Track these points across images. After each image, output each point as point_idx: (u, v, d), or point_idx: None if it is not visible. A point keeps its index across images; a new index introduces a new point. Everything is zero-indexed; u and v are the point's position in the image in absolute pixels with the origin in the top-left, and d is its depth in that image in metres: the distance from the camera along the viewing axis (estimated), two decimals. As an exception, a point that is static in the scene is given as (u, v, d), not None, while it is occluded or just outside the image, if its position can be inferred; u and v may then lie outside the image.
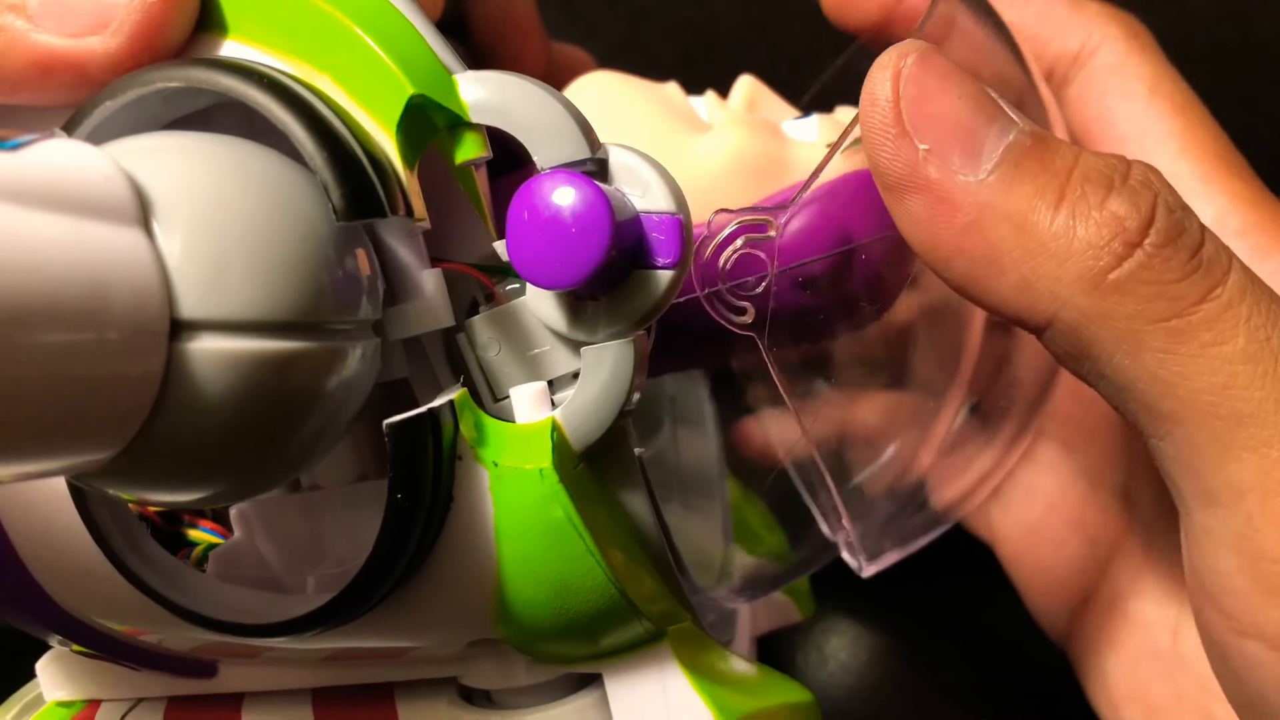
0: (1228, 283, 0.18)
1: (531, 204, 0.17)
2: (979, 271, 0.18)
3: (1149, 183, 0.19)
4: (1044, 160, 0.19)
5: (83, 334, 0.13)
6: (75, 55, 0.18)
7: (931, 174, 0.18)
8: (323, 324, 0.16)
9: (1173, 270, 0.18)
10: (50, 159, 0.14)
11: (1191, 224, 0.18)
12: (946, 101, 0.19)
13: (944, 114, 0.19)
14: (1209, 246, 0.18)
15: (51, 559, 0.20)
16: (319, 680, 0.23)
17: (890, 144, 0.19)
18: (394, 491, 0.17)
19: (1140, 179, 0.19)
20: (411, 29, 0.18)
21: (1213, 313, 0.18)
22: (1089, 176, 0.18)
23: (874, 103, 0.19)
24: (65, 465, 0.15)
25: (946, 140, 0.18)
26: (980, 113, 0.19)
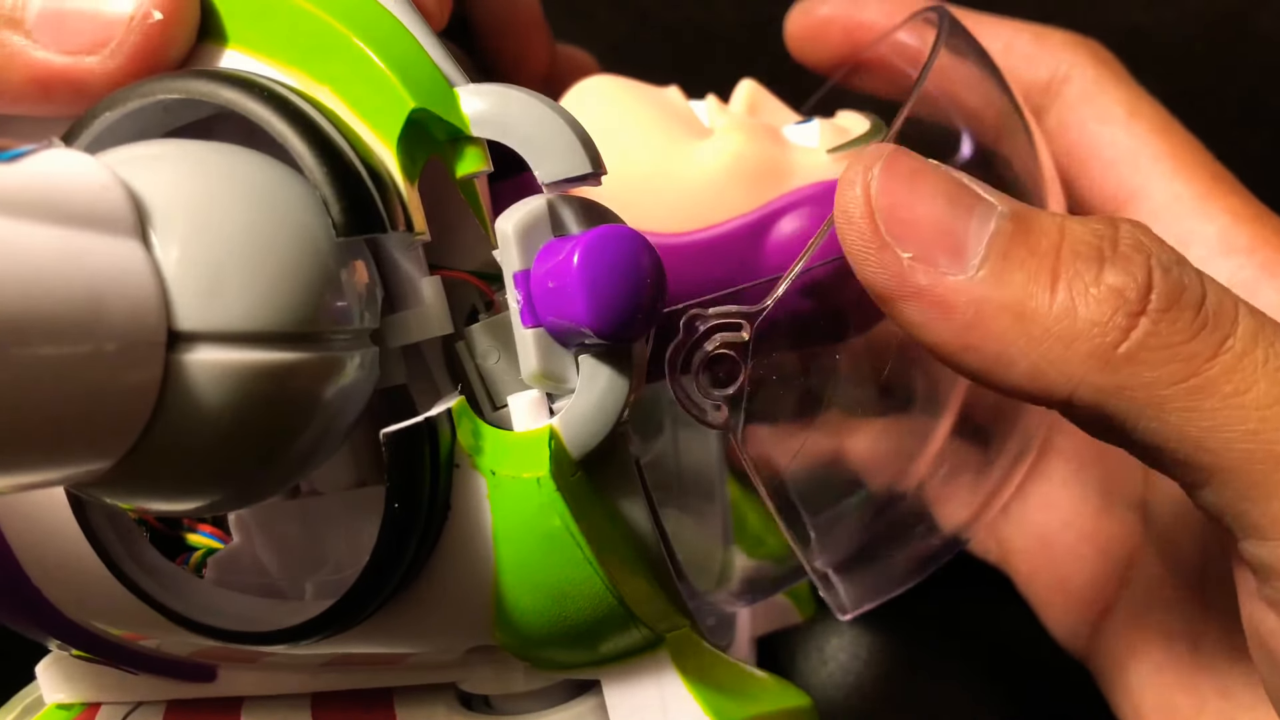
0: (1237, 331, 0.18)
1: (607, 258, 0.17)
2: (990, 364, 0.18)
3: (1140, 244, 0.19)
4: (1030, 243, 0.18)
5: (79, 346, 0.13)
6: (73, 74, 0.18)
7: (921, 281, 0.18)
8: (320, 334, 0.16)
9: (1180, 332, 0.18)
10: (47, 170, 0.14)
11: (1190, 279, 0.18)
12: (920, 205, 0.18)
13: (920, 218, 0.18)
14: (1212, 297, 0.18)
15: (50, 564, 0.20)
16: (318, 685, 0.23)
17: (874, 258, 0.18)
18: (391, 501, 0.17)
19: (1130, 242, 0.19)
20: (413, 40, 0.18)
21: (1229, 364, 0.18)
22: (1079, 251, 0.18)
23: (849, 220, 0.18)
24: (63, 475, 0.15)
25: (928, 244, 0.18)
26: (957, 207, 0.18)
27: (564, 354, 0.18)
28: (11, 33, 0.18)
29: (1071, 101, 0.27)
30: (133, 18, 0.17)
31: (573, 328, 0.17)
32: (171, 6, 0.18)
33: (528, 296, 0.18)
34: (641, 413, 0.20)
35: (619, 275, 0.17)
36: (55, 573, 0.20)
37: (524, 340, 0.18)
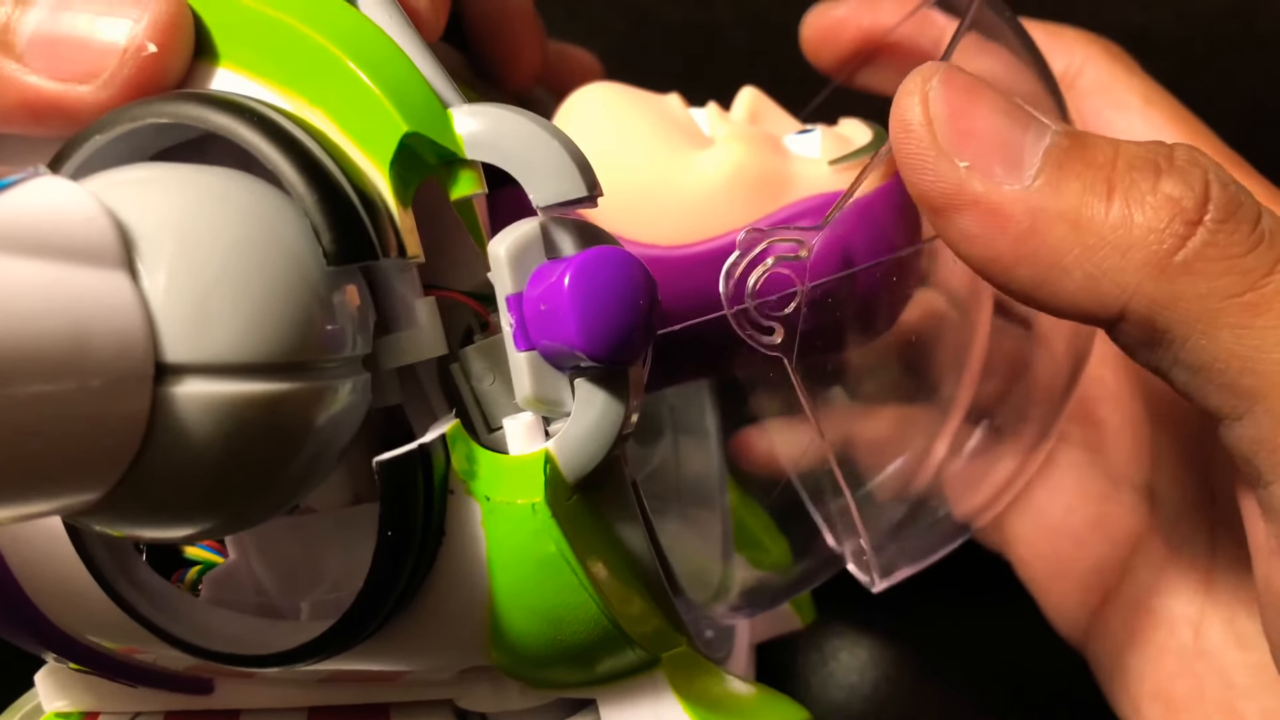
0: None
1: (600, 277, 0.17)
2: (1043, 275, 0.18)
3: (1196, 160, 0.19)
4: (1086, 156, 0.19)
5: (65, 383, 0.13)
6: (64, 101, 0.17)
7: (978, 189, 0.18)
8: (310, 363, 0.16)
9: (1237, 244, 0.18)
10: (32, 202, 0.14)
11: (1247, 197, 0.18)
12: (978, 116, 0.19)
13: (978, 128, 0.19)
14: (1267, 219, 0.18)
15: (46, 581, 0.20)
16: (315, 699, 0.23)
17: (930, 167, 0.19)
18: (385, 528, 0.17)
19: (1186, 158, 0.19)
20: (406, 61, 0.18)
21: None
22: (1134, 164, 0.18)
23: (906, 128, 0.19)
24: (51, 508, 0.15)
25: (986, 153, 0.18)
26: (1014, 122, 0.19)
27: (558, 377, 0.18)
28: (3, 57, 0.17)
29: (1086, 91, 0.27)
30: (126, 50, 0.17)
31: (565, 350, 0.17)
32: (166, 38, 0.17)
33: (520, 319, 0.17)
34: (642, 420, 0.19)
35: (611, 297, 0.17)
36: (51, 590, 0.20)
37: (518, 364, 0.18)
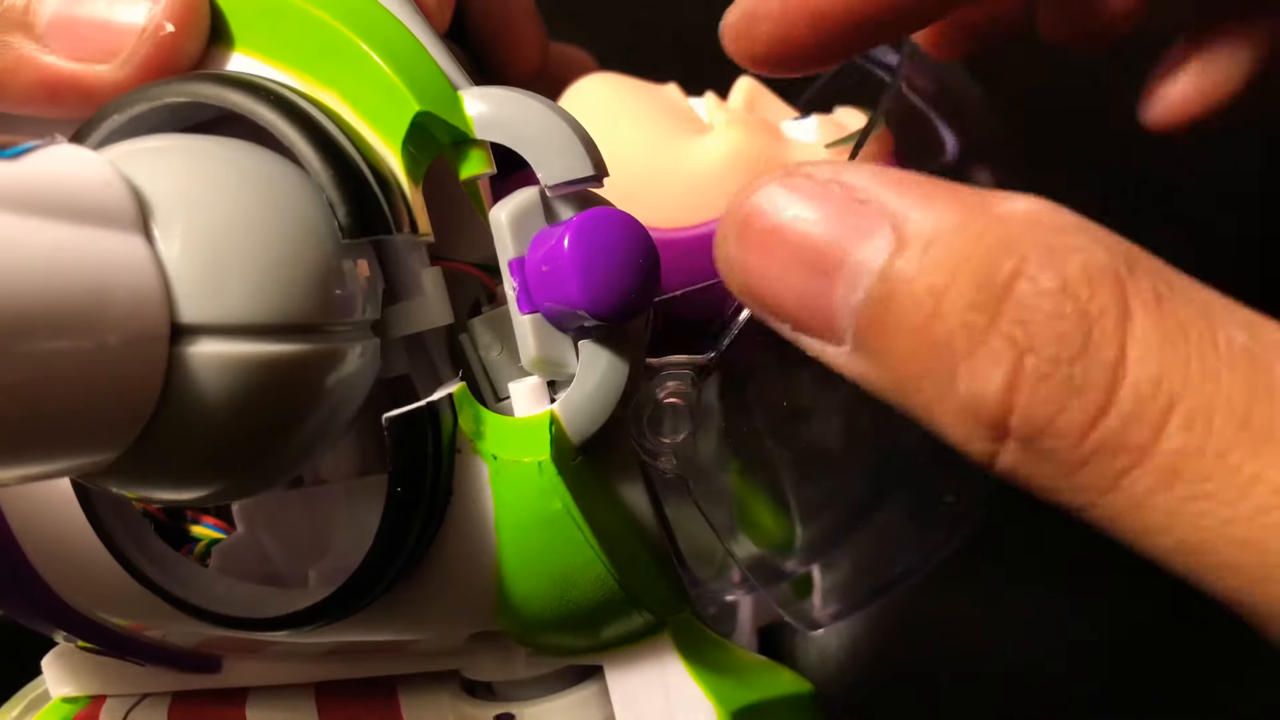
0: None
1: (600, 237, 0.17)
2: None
3: (1019, 325, 0.14)
4: (894, 320, 0.15)
5: (83, 341, 0.13)
6: (83, 81, 0.18)
7: (810, 348, 0.16)
8: (322, 325, 0.16)
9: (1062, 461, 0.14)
10: (50, 167, 0.14)
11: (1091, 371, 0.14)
12: (780, 277, 0.15)
13: (782, 294, 0.16)
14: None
15: (56, 555, 0.20)
16: (322, 674, 0.23)
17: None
18: (394, 485, 0.17)
19: (1011, 320, 0.14)
20: (417, 43, 0.18)
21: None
22: (941, 340, 0.14)
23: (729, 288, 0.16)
24: (69, 467, 0.15)
25: (798, 319, 0.16)
26: (818, 275, 0.15)
27: (562, 339, 0.18)
28: (23, 37, 0.18)
29: None
30: (145, 29, 0.18)
31: (568, 310, 0.17)
32: (183, 18, 0.18)
33: (523, 283, 0.18)
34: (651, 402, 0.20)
35: (610, 255, 0.17)
36: (62, 564, 0.20)
37: (521, 326, 0.18)
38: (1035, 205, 0.14)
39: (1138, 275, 0.13)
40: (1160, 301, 0.13)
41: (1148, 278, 0.14)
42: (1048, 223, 0.14)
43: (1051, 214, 0.14)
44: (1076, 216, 0.14)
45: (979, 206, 0.14)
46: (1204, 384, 0.13)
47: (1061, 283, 0.13)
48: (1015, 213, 0.14)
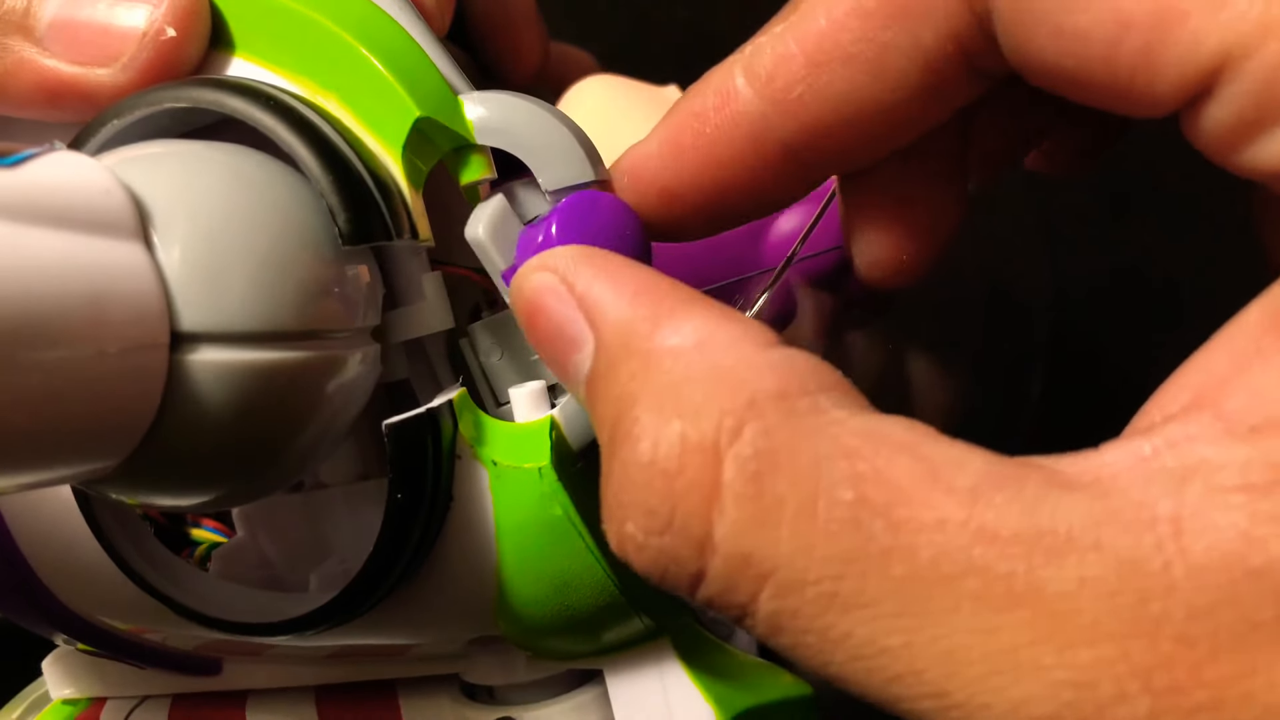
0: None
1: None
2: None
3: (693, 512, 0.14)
4: (610, 380, 0.15)
5: (83, 349, 0.13)
6: (83, 84, 0.18)
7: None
8: (322, 332, 0.16)
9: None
10: (49, 175, 0.14)
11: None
12: (543, 340, 0.16)
13: (542, 345, 0.16)
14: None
15: (56, 559, 0.20)
16: (323, 678, 0.23)
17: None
18: (394, 491, 0.17)
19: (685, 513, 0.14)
20: (418, 48, 0.18)
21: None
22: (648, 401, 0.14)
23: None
24: (68, 475, 0.15)
25: (558, 370, 0.16)
26: (561, 338, 0.16)
27: None
28: (23, 40, 0.18)
29: None
30: (145, 33, 0.18)
31: None
32: (184, 23, 0.18)
33: None
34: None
35: (600, 234, 0.17)
36: (62, 568, 0.20)
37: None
38: (694, 337, 0.14)
39: (741, 443, 0.13)
40: (759, 476, 0.13)
41: (752, 446, 0.13)
42: (686, 368, 0.14)
43: (701, 351, 0.14)
44: (733, 348, 0.14)
45: (642, 335, 0.14)
46: (795, 558, 0.13)
47: (652, 454, 0.13)
48: (666, 350, 0.14)
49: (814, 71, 0.16)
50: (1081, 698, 0.12)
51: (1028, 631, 0.12)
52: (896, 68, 0.16)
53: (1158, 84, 0.13)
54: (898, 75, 0.16)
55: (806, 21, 0.16)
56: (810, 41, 0.16)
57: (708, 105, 0.17)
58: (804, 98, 0.16)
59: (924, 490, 0.12)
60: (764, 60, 0.16)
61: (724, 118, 0.17)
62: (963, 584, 0.12)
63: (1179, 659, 0.11)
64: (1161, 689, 0.11)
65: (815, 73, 0.16)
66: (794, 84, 0.16)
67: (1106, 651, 0.12)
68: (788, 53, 0.16)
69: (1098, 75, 0.14)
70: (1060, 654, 0.12)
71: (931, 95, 0.16)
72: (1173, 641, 0.11)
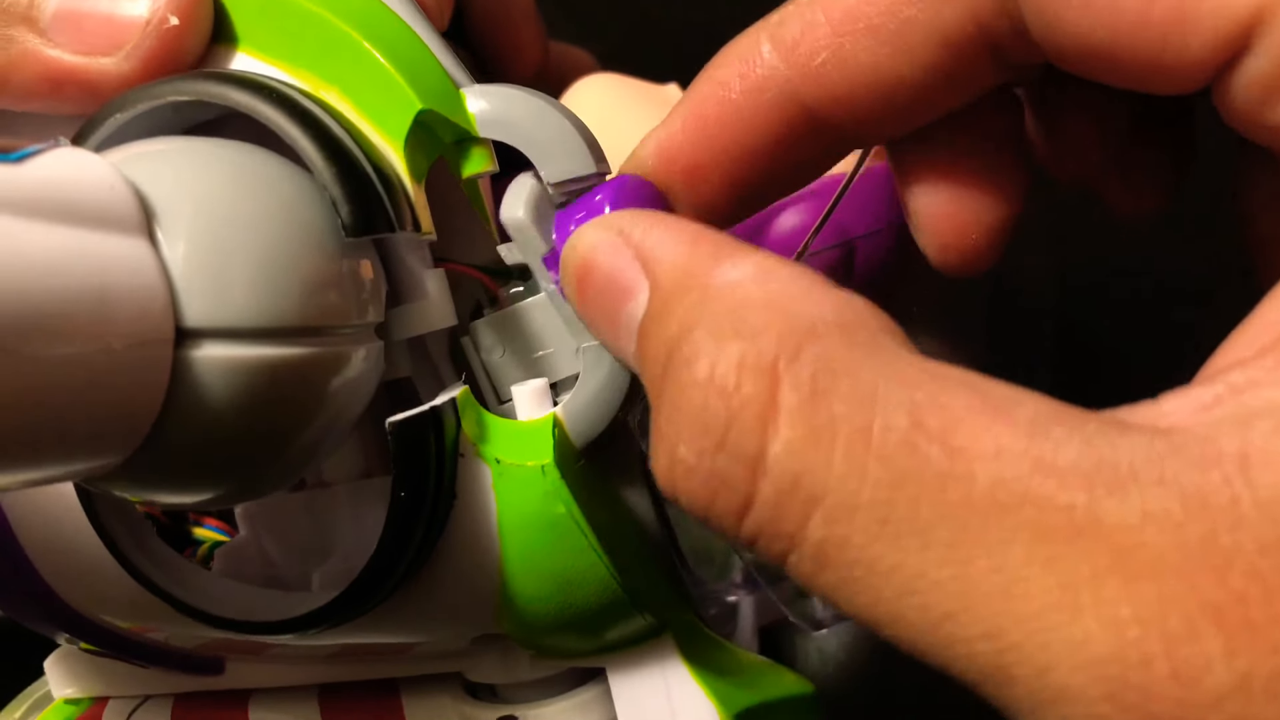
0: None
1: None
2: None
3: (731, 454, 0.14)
4: (662, 325, 0.15)
5: (88, 345, 0.13)
6: (87, 74, 0.18)
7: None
8: (326, 328, 0.16)
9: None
10: (54, 170, 0.14)
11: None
12: (592, 302, 0.16)
13: (590, 310, 0.16)
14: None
15: (59, 557, 0.20)
16: (325, 676, 0.23)
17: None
18: (398, 489, 0.17)
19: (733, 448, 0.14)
20: (419, 42, 0.18)
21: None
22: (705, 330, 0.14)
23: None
24: (74, 471, 0.15)
25: (604, 333, 0.16)
26: (616, 289, 0.16)
27: None
28: (26, 30, 0.18)
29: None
30: (149, 22, 0.18)
31: None
32: (187, 12, 0.18)
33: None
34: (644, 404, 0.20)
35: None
36: (65, 567, 0.20)
37: (573, 316, 0.17)
38: (753, 271, 0.14)
39: (799, 365, 0.13)
40: (815, 396, 0.13)
41: (810, 367, 0.13)
42: (745, 296, 0.14)
43: (761, 283, 0.14)
44: (793, 281, 0.14)
45: (701, 272, 0.14)
46: (847, 480, 0.12)
47: (709, 373, 0.13)
48: (725, 283, 0.14)
49: (838, 41, 0.16)
50: (1148, 634, 0.11)
51: (1088, 565, 0.11)
52: (917, 43, 0.16)
53: (1191, 46, 0.13)
54: (918, 51, 0.16)
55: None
56: (837, 12, 0.16)
57: (732, 72, 0.17)
58: (827, 65, 0.16)
59: (983, 420, 0.12)
60: (791, 28, 0.17)
61: (749, 84, 0.17)
62: (1020, 514, 0.11)
63: (1252, 595, 0.11)
64: (1235, 626, 0.11)
65: (839, 42, 0.16)
66: (818, 51, 0.16)
67: (1174, 587, 0.11)
68: (815, 20, 0.16)
69: (1131, 45, 0.14)
70: (1125, 587, 0.11)
71: (952, 74, 0.16)
72: (1245, 576, 0.11)
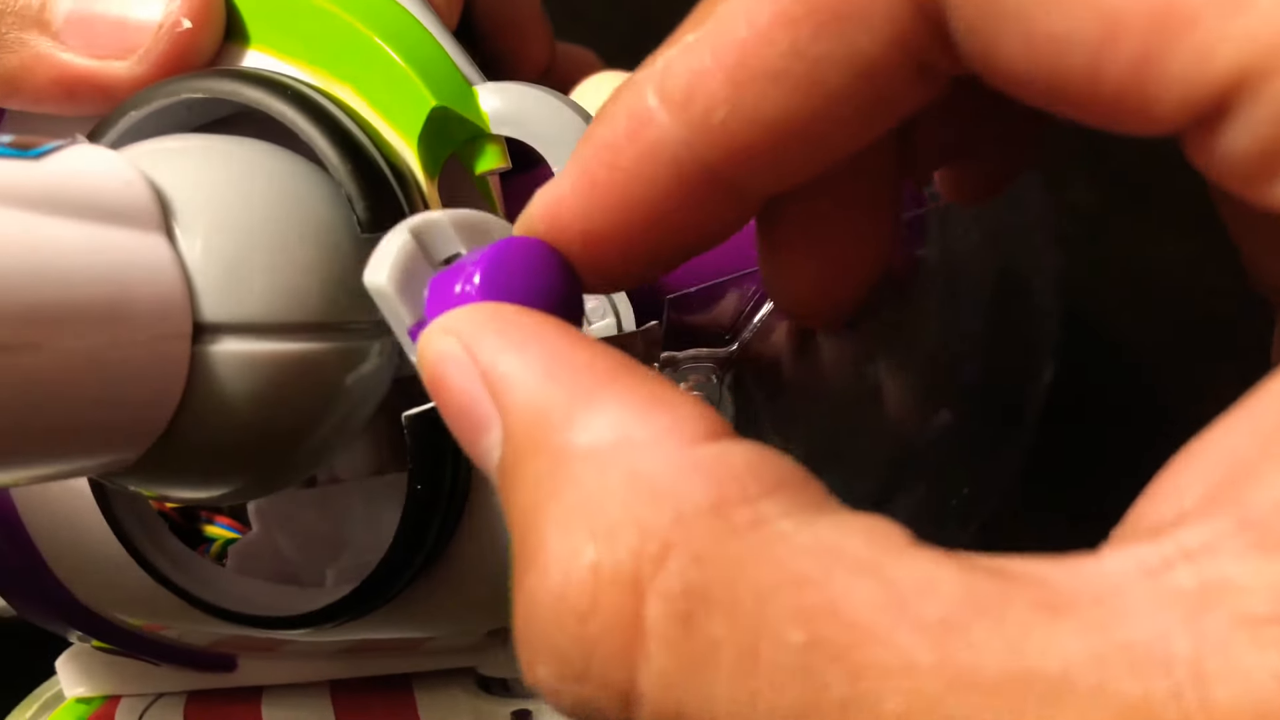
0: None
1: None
2: None
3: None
4: (515, 480, 0.13)
5: (107, 339, 0.14)
6: (100, 77, 0.18)
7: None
8: (341, 324, 0.16)
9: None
10: (72, 166, 0.14)
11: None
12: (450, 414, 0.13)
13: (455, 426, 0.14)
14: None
15: (73, 556, 0.21)
16: (338, 672, 0.23)
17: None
18: (414, 482, 0.17)
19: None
20: (432, 40, 0.19)
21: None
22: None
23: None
24: (92, 465, 0.15)
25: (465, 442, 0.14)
26: (467, 421, 0.13)
27: None
28: (39, 34, 0.18)
29: None
30: (161, 25, 0.18)
31: None
32: (200, 15, 0.18)
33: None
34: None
35: (529, 286, 0.14)
36: (78, 565, 0.21)
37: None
38: (613, 433, 0.12)
39: (666, 574, 0.11)
40: (688, 616, 0.11)
41: (679, 577, 0.11)
42: (601, 472, 0.12)
43: (620, 452, 0.12)
44: (657, 446, 0.12)
45: (554, 427, 0.12)
46: (736, 713, 0.10)
47: (562, 586, 0.11)
48: (580, 451, 0.12)
49: (737, 91, 0.13)
50: None
51: None
52: (833, 83, 0.13)
53: (1155, 104, 0.11)
54: (835, 90, 0.13)
55: (724, 30, 0.13)
56: (730, 55, 0.13)
57: (619, 133, 0.14)
58: (728, 123, 0.14)
59: (888, 624, 0.10)
60: (678, 79, 0.14)
61: (639, 148, 0.14)
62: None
63: None
64: None
65: (738, 92, 0.13)
66: (716, 106, 0.14)
67: None
68: (704, 68, 0.14)
69: (1079, 90, 0.12)
70: None
71: (876, 107, 0.14)
72: None
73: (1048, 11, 0.11)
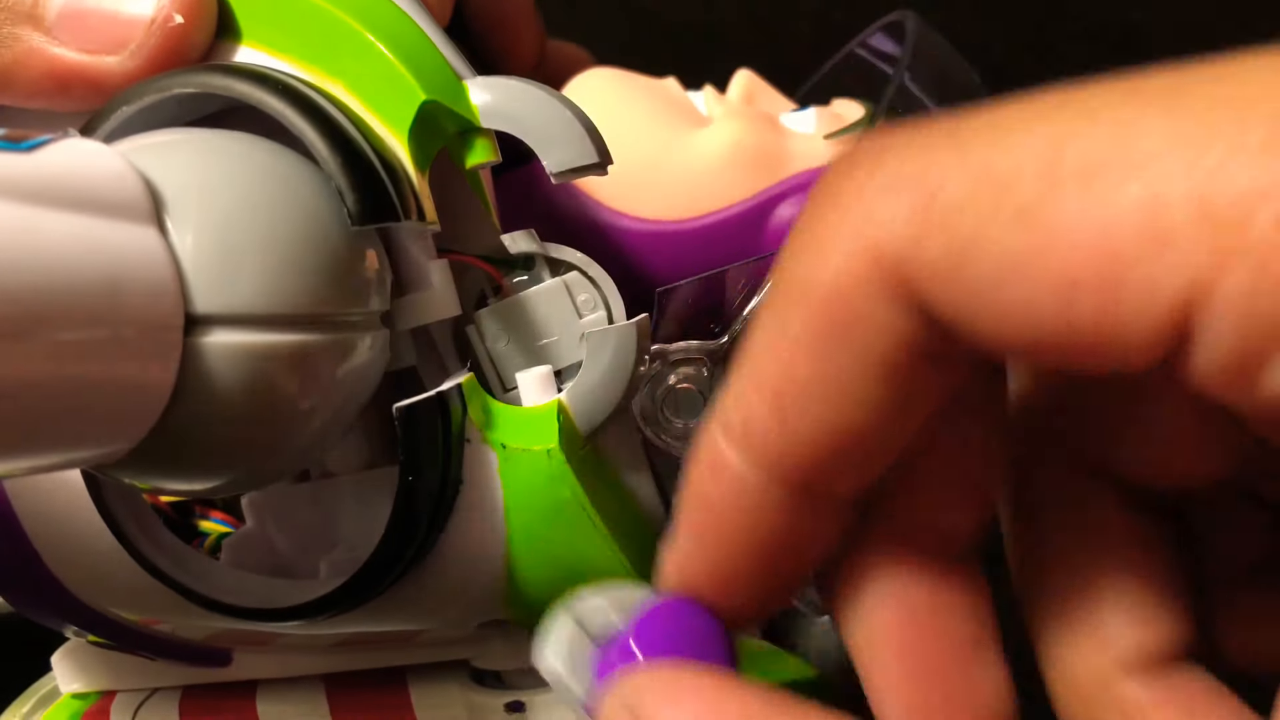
0: None
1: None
2: None
3: None
4: None
5: (99, 331, 0.14)
6: (92, 72, 0.18)
7: None
8: (332, 316, 0.16)
9: None
10: (64, 159, 0.14)
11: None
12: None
13: None
14: None
15: (67, 550, 0.21)
16: (332, 666, 0.23)
17: None
18: (405, 474, 0.18)
19: None
20: (422, 35, 0.19)
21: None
22: None
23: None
24: (85, 457, 0.15)
25: None
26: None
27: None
28: (32, 29, 0.18)
29: None
30: (154, 20, 0.18)
31: None
32: (192, 10, 0.18)
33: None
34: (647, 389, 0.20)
35: (682, 643, 0.15)
36: (72, 558, 0.21)
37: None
38: None
39: None
40: None
41: None
42: None
43: None
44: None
45: None
46: None
47: None
48: None
49: (781, 414, 0.14)
50: None
51: None
52: (854, 393, 0.14)
53: (1128, 341, 0.12)
54: (859, 398, 0.14)
55: (757, 363, 0.14)
56: (767, 384, 0.14)
57: (705, 480, 0.15)
58: (779, 443, 0.14)
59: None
60: (734, 414, 0.15)
61: (724, 488, 0.15)
62: None
63: None
64: None
65: (782, 415, 0.14)
66: (768, 430, 0.14)
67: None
68: (749, 399, 0.15)
69: (1063, 341, 0.12)
70: None
71: (906, 399, 0.14)
72: None
73: (1006, 284, 0.12)
